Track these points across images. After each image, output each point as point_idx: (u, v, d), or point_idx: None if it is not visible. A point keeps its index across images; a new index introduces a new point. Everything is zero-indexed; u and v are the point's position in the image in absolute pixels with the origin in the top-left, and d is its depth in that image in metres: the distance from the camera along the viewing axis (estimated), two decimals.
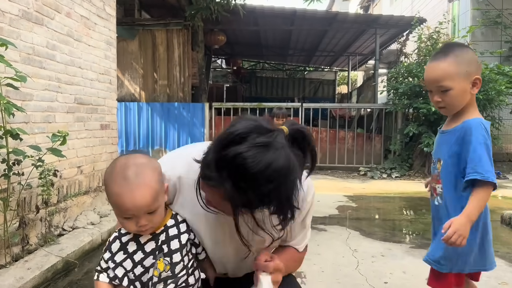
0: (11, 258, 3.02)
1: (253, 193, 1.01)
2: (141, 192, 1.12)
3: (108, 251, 1.24)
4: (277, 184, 1.02)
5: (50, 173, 3.40)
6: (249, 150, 0.99)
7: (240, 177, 0.99)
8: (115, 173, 1.15)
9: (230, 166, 1.00)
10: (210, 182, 1.05)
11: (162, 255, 1.20)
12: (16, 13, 3.26)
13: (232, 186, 1.00)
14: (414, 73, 8.24)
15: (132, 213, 1.13)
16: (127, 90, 9.30)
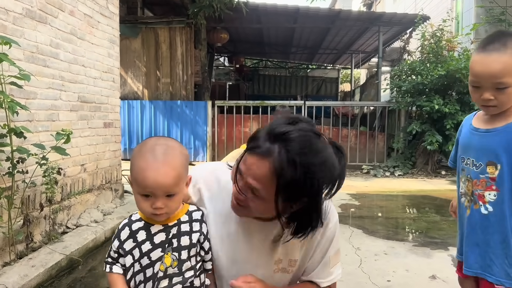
0: (15, 255, 3.04)
1: (299, 168, 1.02)
2: (165, 170, 1.11)
3: (117, 239, 1.20)
4: (321, 171, 1.04)
5: (54, 171, 3.41)
6: (304, 130, 1.05)
7: (290, 148, 1.02)
8: (144, 149, 1.14)
9: (282, 137, 1.04)
10: (259, 150, 1.05)
11: (170, 249, 1.17)
12: (20, 12, 3.27)
13: (282, 156, 1.02)
14: (417, 71, 8.21)
15: (151, 190, 1.11)
16: (130, 88, 9.31)
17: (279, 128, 1.06)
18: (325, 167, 1.05)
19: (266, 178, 1.04)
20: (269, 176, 1.04)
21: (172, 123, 9.05)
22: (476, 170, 1.55)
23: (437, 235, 4.21)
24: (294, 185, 1.03)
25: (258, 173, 1.06)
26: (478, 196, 1.55)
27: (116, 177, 5.08)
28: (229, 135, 9.17)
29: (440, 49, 8.34)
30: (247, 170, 1.09)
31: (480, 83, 1.46)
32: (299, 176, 1.02)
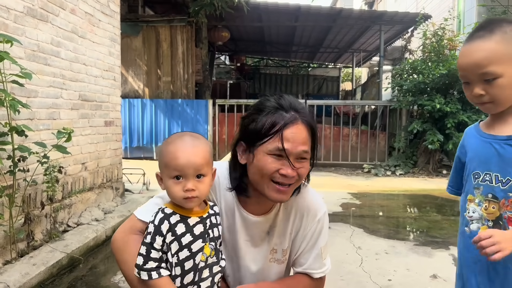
0: (16, 254, 3.04)
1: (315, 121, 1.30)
2: (196, 150, 1.20)
3: (158, 235, 1.17)
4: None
5: (55, 169, 3.42)
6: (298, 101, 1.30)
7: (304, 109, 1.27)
8: (172, 139, 1.23)
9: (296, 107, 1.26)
10: (293, 120, 1.22)
11: (208, 240, 1.23)
12: (21, 10, 3.27)
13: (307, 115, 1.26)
14: (418, 70, 8.20)
15: (183, 169, 1.17)
16: (131, 86, 9.31)
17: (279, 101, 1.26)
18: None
19: (308, 137, 1.24)
20: (308, 134, 1.24)
21: (173, 121, 9.06)
22: (503, 187, 1.24)
23: (438, 235, 4.20)
24: (316, 134, 1.28)
25: (304, 137, 1.22)
26: (508, 219, 1.24)
27: (117, 176, 5.08)
28: (230, 134, 9.16)
29: (442, 48, 8.32)
30: (293, 142, 1.21)
31: (467, 77, 1.25)
32: (316, 127, 1.29)
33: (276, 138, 1.18)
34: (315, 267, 1.37)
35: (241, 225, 1.34)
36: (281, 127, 1.18)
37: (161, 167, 1.22)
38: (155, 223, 1.19)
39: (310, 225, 1.35)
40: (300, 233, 1.35)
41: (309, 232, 1.35)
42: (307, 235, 1.35)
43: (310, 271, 1.37)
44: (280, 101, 1.25)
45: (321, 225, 1.36)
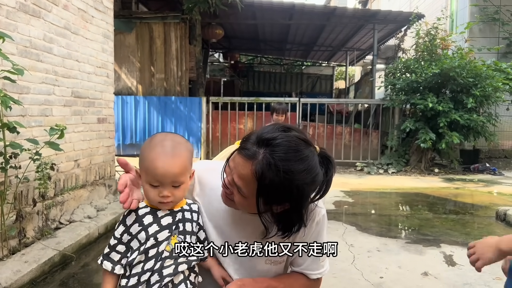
0: (8, 251, 3.02)
1: (280, 174, 1.08)
2: (174, 161, 1.21)
3: (122, 224, 1.25)
4: (302, 179, 1.10)
5: (47, 166, 3.39)
6: (290, 137, 1.12)
7: (273, 154, 1.09)
8: (153, 143, 1.24)
9: (268, 142, 1.11)
10: (245, 152, 1.12)
11: (177, 232, 1.26)
12: (13, 6, 3.24)
13: (265, 161, 1.09)
14: (411, 69, 8.25)
15: (160, 179, 1.21)
16: (124, 83, 9.26)
17: (267, 133, 1.13)
18: (307, 174, 1.10)
19: (248, 179, 1.11)
20: (250, 177, 1.11)
21: (166, 119, 9.03)
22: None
23: (430, 232, 4.24)
24: (274, 189, 1.10)
25: (242, 173, 1.13)
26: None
27: (110, 173, 5.06)
28: (223, 131, 9.16)
29: (435, 47, 8.38)
30: (233, 168, 1.17)
31: None
32: (280, 181, 1.08)
33: (233, 153, 1.21)
34: (313, 268, 1.36)
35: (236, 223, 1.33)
36: (239, 149, 1.18)
37: (140, 168, 1.26)
38: (124, 214, 1.27)
39: (309, 228, 1.32)
40: (299, 236, 1.32)
41: (307, 235, 1.32)
42: (305, 239, 1.32)
43: (307, 272, 1.37)
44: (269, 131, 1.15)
45: (320, 227, 1.35)
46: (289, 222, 1.20)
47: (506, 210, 4.66)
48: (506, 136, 9.47)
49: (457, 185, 7.09)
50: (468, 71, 7.53)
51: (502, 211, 4.71)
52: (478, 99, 7.55)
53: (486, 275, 3.10)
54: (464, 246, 3.80)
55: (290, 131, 1.15)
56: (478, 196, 6.24)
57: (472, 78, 7.53)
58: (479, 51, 8.60)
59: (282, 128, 1.15)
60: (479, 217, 5.07)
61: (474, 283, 2.97)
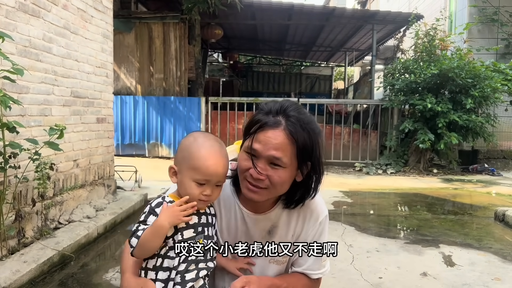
0: (7, 251, 3.02)
1: (306, 132, 1.18)
2: (224, 161, 1.25)
3: (152, 214, 1.24)
4: (318, 135, 1.23)
5: (46, 166, 3.39)
6: (294, 104, 1.25)
7: (294, 116, 1.19)
8: (200, 141, 1.26)
9: (285, 110, 1.20)
10: (269, 124, 1.18)
11: (202, 236, 1.26)
12: (13, 5, 3.23)
13: (291, 122, 1.18)
14: (410, 70, 8.26)
15: (210, 177, 1.22)
16: (123, 83, 9.26)
17: (275, 105, 1.22)
18: (320, 133, 1.25)
19: (285, 145, 1.17)
20: (286, 142, 1.17)
21: (165, 119, 9.02)
22: None
23: (428, 233, 4.25)
24: (306, 146, 1.19)
25: (277, 142, 1.18)
26: None
27: (109, 173, 5.06)
28: (222, 131, 9.16)
29: (433, 48, 8.39)
30: (264, 145, 1.18)
31: None
32: (308, 138, 1.19)
33: (251, 138, 1.21)
34: (314, 268, 1.38)
35: (241, 223, 1.35)
36: (257, 129, 1.20)
37: (184, 166, 1.25)
38: (152, 205, 1.27)
39: (312, 228, 1.35)
40: (302, 236, 1.35)
41: (310, 235, 1.35)
42: (308, 238, 1.35)
43: (309, 272, 1.38)
44: (274, 105, 1.23)
45: (322, 227, 1.37)
46: (309, 184, 1.29)
47: (505, 210, 4.67)
48: (504, 137, 9.48)
49: (455, 185, 7.10)
50: (467, 71, 7.54)
51: (500, 212, 4.72)
52: (477, 99, 7.56)
53: (485, 276, 3.11)
54: (463, 247, 3.80)
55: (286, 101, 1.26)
56: (476, 197, 6.26)
57: (471, 79, 7.54)
58: (478, 52, 8.61)
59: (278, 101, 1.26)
60: (478, 218, 5.08)
61: (473, 283, 2.98)
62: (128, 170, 5.89)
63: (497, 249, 3.74)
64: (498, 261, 3.44)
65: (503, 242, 4.00)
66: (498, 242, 4.02)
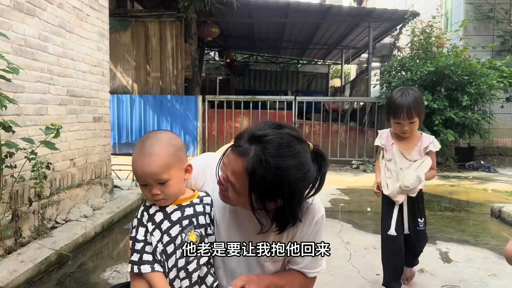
0: (4, 251, 3.01)
1: (271, 169, 1.09)
2: (149, 160, 1.23)
3: (141, 226, 1.26)
4: (293, 175, 1.11)
5: (43, 165, 3.38)
6: (282, 134, 1.14)
7: (264, 151, 1.11)
8: (137, 143, 1.28)
9: (260, 139, 1.13)
10: (238, 149, 1.14)
11: (192, 228, 1.26)
12: (8, 4, 3.22)
13: (256, 157, 1.10)
14: (407, 67, 8.27)
15: (143, 179, 1.24)
16: (120, 82, 9.23)
17: (259, 130, 1.15)
18: (298, 170, 1.12)
19: (241, 175, 1.14)
20: (243, 174, 1.13)
21: (162, 117, 9.01)
22: None
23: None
24: (266, 184, 1.12)
25: (235, 169, 1.15)
26: None
27: (106, 172, 5.05)
28: (219, 130, 9.15)
29: (430, 46, 8.40)
30: (227, 165, 1.19)
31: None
32: (271, 177, 1.10)
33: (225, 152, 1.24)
34: (311, 267, 1.38)
35: (234, 219, 1.35)
36: (230, 147, 1.21)
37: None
38: (137, 216, 1.28)
39: (307, 227, 1.34)
40: (298, 235, 1.34)
41: (306, 234, 1.34)
42: (304, 237, 1.34)
43: (305, 271, 1.38)
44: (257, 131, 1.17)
45: (318, 227, 1.36)
46: (283, 218, 1.21)
47: (501, 207, 4.69)
48: (500, 134, 9.52)
49: (452, 182, 7.13)
50: (463, 69, 7.56)
51: (496, 208, 4.74)
52: (473, 96, 7.58)
53: (482, 272, 3.13)
54: (459, 243, 3.82)
55: (283, 128, 1.17)
56: (473, 193, 6.28)
57: (467, 76, 7.56)
58: (473, 49, 8.63)
59: (274, 125, 1.17)
60: (474, 214, 5.10)
61: (470, 279, 3.00)
62: (125, 169, 5.88)
63: (494, 245, 3.76)
64: (495, 257, 3.46)
65: (499, 239, 4.02)
66: (495, 238, 4.04)
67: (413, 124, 2.44)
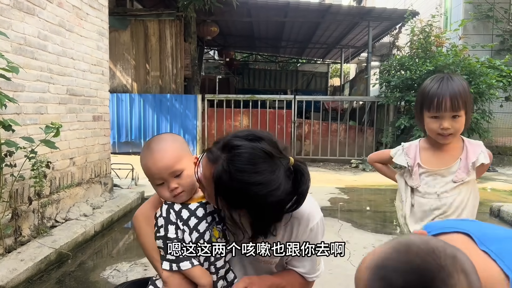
0: (4, 249, 3.02)
1: (234, 182, 1.10)
2: (161, 154, 1.27)
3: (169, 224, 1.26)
4: (256, 191, 1.10)
5: (42, 164, 3.38)
6: (254, 149, 1.11)
7: (230, 163, 1.10)
8: (143, 149, 1.32)
9: (231, 150, 1.12)
10: (210, 155, 1.16)
11: (215, 224, 1.29)
12: (7, 3, 3.22)
13: (222, 167, 1.11)
14: (406, 66, 8.27)
15: (158, 176, 1.26)
16: (119, 81, 9.23)
17: (235, 140, 1.14)
18: (263, 187, 1.10)
19: (210, 181, 1.16)
20: (210, 179, 1.15)
21: (162, 116, 9.01)
22: None
23: None
24: (229, 194, 1.13)
25: (206, 174, 1.18)
26: None
27: (105, 171, 5.05)
28: (219, 129, 9.15)
29: (429, 45, 8.40)
30: (202, 167, 1.21)
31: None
32: (233, 188, 1.11)
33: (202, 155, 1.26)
34: (310, 272, 1.39)
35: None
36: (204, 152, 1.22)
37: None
38: (163, 215, 1.28)
39: (302, 234, 1.31)
40: (294, 238, 1.31)
41: (301, 240, 1.30)
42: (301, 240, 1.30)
43: (305, 275, 1.38)
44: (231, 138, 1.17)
45: (314, 233, 1.32)
46: (253, 228, 1.20)
47: (500, 206, 4.70)
48: (500, 133, 9.53)
49: None
50: (462, 68, 7.57)
51: (496, 207, 4.75)
52: (472, 96, 7.59)
53: None
54: None
55: (261, 141, 1.14)
56: None
57: (466, 75, 7.56)
58: (473, 49, 8.63)
59: (252, 136, 1.15)
60: None
61: None
62: (125, 168, 5.88)
63: None
64: None
65: None
66: None
67: (457, 121, 1.73)
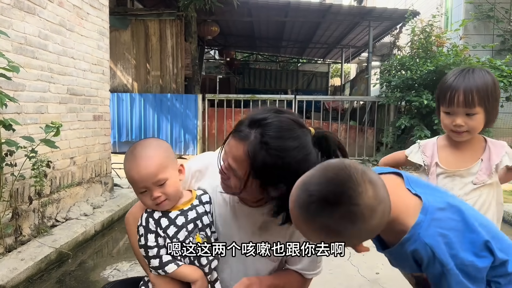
0: (4, 249, 3.02)
1: (272, 151, 1.09)
2: (144, 162, 1.23)
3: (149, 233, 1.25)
4: (294, 156, 1.09)
5: (43, 164, 3.38)
6: (281, 118, 1.14)
7: (265, 133, 1.10)
8: (127, 154, 1.28)
9: (260, 122, 1.12)
10: (238, 134, 1.13)
11: (197, 230, 1.27)
12: (8, 2, 3.22)
13: (256, 140, 1.09)
14: (407, 66, 8.26)
15: (142, 184, 1.23)
16: (120, 80, 9.23)
17: (259, 115, 1.15)
18: (299, 151, 1.10)
19: (242, 160, 1.12)
20: (244, 158, 1.12)
21: (162, 116, 9.01)
22: None
23: None
24: (267, 168, 1.10)
25: (236, 155, 1.14)
26: None
27: (106, 170, 5.05)
28: (219, 128, 9.15)
29: (430, 45, 8.40)
30: (228, 152, 1.17)
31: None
32: (272, 160, 1.09)
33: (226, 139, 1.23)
34: (309, 269, 1.38)
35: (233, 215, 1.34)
36: (231, 133, 1.19)
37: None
38: (142, 224, 1.27)
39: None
40: (295, 237, 1.32)
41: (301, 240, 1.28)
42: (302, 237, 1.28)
43: (303, 272, 1.38)
44: (256, 115, 1.17)
45: None
46: (283, 204, 1.14)
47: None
48: (500, 133, 9.51)
49: None
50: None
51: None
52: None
53: None
54: None
55: (282, 113, 1.16)
56: None
57: None
58: (474, 49, 8.62)
59: (274, 110, 1.17)
60: None
61: None
62: None
63: None
64: None
65: None
66: None
67: (472, 118, 1.53)
